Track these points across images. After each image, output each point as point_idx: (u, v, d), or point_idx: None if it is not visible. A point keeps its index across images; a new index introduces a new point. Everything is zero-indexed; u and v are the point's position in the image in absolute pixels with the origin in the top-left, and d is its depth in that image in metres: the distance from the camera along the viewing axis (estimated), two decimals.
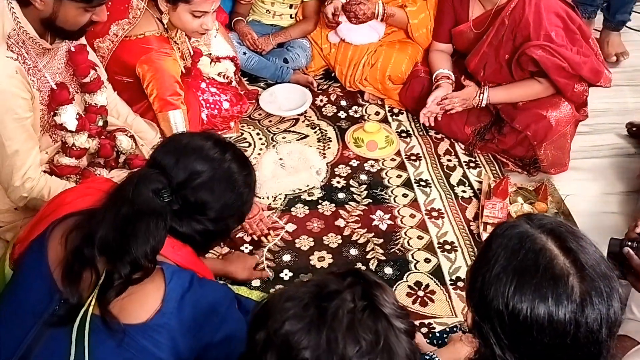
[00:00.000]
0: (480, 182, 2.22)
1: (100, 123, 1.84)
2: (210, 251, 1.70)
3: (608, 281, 0.87)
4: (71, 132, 1.71)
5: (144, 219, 1.07)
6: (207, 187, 1.16)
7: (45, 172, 1.69)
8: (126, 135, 1.93)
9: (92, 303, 1.04)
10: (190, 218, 1.16)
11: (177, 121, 1.98)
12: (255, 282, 1.83)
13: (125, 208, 1.07)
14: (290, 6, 2.72)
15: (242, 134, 2.43)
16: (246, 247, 1.95)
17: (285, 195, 2.14)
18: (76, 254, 1.06)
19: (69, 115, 1.69)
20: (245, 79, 2.68)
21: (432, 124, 2.31)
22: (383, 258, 1.93)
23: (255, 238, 1.96)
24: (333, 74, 2.72)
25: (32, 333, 1.05)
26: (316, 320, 0.80)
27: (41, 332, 1.06)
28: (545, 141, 2.16)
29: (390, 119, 2.54)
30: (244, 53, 2.63)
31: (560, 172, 2.23)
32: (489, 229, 2.00)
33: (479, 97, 2.25)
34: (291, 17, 2.76)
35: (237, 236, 1.95)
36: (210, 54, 2.39)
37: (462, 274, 1.89)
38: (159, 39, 1.96)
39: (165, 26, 2.03)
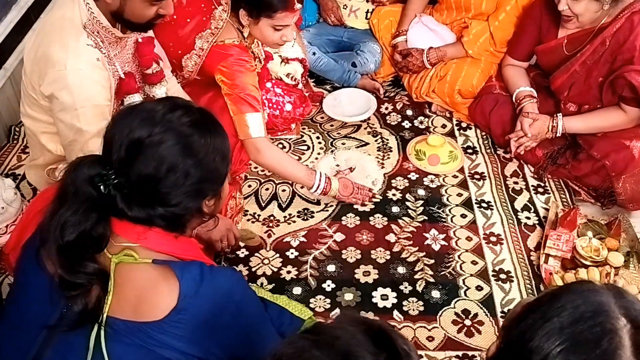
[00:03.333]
0: (547, 210, 2.08)
1: None
2: None
3: None
4: None
5: (68, 212, 1.02)
6: (154, 159, 1.04)
7: None
8: None
9: (108, 305, 1.03)
10: (144, 201, 1.06)
11: (255, 123, 1.92)
12: (297, 290, 1.79)
13: (58, 202, 1.04)
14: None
15: (302, 136, 2.41)
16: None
17: (338, 203, 2.09)
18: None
19: None
20: (312, 80, 2.65)
21: (522, 152, 2.19)
22: (432, 280, 1.84)
23: (366, 204, 2.06)
24: (402, 82, 2.64)
25: (39, 339, 1.05)
26: None
27: (49, 337, 1.05)
28: (625, 173, 1.99)
29: (457, 133, 2.43)
30: (314, 53, 2.60)
31: (639, 209, 2.04)
32: (551, 261, 1.86)
33: (552, 129, 2.11)
34: (366, 17, 2.71)
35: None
36: (280, 55, 2.37)
37: None
38: (239, 47, 1.96)
39: (244, 36, 2.03)
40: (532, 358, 0.79)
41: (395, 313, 1.74)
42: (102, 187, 1.03)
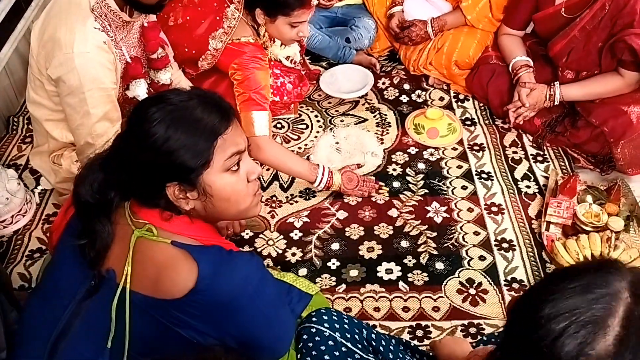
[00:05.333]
0: (547, 178, 2.09)
1: None
2: None
3: None
4: None
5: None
6: (125, 139, 1.10)
7: None
8: None
9: (126, 277, 1.07)
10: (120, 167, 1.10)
11: (261, 121, 1.92)
12: (302, 272, 1.81)
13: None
14: None
15: (300, 115, 2.41)
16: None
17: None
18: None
19: (141, 89, 1.74)
20: (308, 57, 2.64)
21: (521, 122, 2.19)
22: (435, 252, 1.86)
23: (374, 194, 2.03)
24: (398, 56, 2.63)
25: (70, 309, 1.09)
26: None
27: (79, 307, 1.09)
28: (623, 139, 1.99)
29: (455, 105, 2.43)
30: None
31: (638, 173, 2.06)
32: (552, 228, 1.89)
33: (550, 97, 2.11)
34: None
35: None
36: None
37: (519, 274, 1.79)
38: (254, 45, 1.96)
39: (259, 33, 2.02)
40: (541, 335, 0.79)
41: (401, 284, 1.77)
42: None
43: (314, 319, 1.32)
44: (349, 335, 1.31)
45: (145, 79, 1.76)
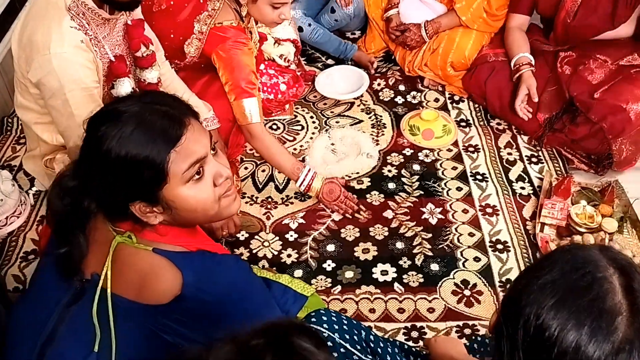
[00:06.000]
0: (541, 179, 2.10)
1: None
2: None
3: None
4: None
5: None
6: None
7: None
8: None
9: (106, 279, 1.07)
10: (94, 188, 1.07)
11: (252, 109, 1.92)
12: (298, 273, 1.81)
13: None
14: None
15: (295, 116, 2.41)
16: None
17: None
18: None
19: (125, 88, 1.70)
20: (304, 58, 2.65)
21: (529, 117, 2.20)
22: (430, 254, 1.87)
23: (349, 216, 1.97)
24: (393, 57, 2.63)
25: (56, 314, 1.09)
26: None
27: (65, 312, 1.09)
28: (622, 135, 2.00)
29: (450, 106, 2.44)
30: (309, 25, 2.60)
31: (628, 168, 2.08)
32: (546, 229, 1.90)
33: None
34: None
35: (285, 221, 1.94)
36: (273, 36, 2.36)
37: (513, 275, 1.80)
38: (236, 28, 1.95)
39: (242, 16, 2.02)
40: (526, 313, 0.82)
41: (396, 285, 1.77)
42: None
43: (313, 319, 1.33)
44: (347, 337, 1.32)
45: (131, 77, 1.73)
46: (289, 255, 1.87)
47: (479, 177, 2.13)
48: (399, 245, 1.89)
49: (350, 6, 2.64)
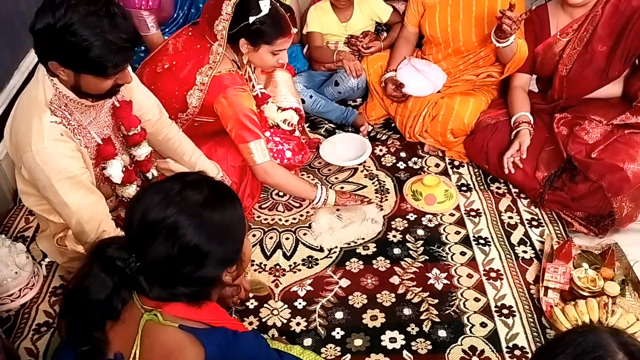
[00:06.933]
0: (543, 243, 2.15)
1: (150, 176, 1.92)
2: None
3: None
4: (117, 184, 1.78)
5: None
6: (169, 241, 1.12)
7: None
8: None
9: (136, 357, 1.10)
10: (165, 282, 1.14)
11: (259, 149, 2.10)
12: (307, 341, 1.84)
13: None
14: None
15: None
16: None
17: (341, 248, 2.15)
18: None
19: (114, 169, 1.75)
20: (307, 124, 2.75)
21: (512, 171, 2.28)
22: (437, 320, 1.89)
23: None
24: (393, 125, 2.73)
25: None
26: None
27: None
28: (621, 194, 2.07)
29: (450, 171, 2.52)
30: (311, 97, 2.72)
31: (630, 223, 2.14)
32: (550, 293, 1.93)
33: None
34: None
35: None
36: (275, 104, 2.47)
37: (520, 341, 1.83)
38: (233, 75, 2.09)
39: (239, 65, 2.16)
40: None
41: (405, 353, 1.79)
42: (126, 270, 1.11)
43: None
44: None
45: (118, 158, 1.77)
46: (297, 324, 1.89)
47: (481, 241, 2.18)
48: (407, 311, 1.92)
49: (357, 79, 2.76)
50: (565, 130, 2.29)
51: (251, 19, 1.99)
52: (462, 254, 2.13)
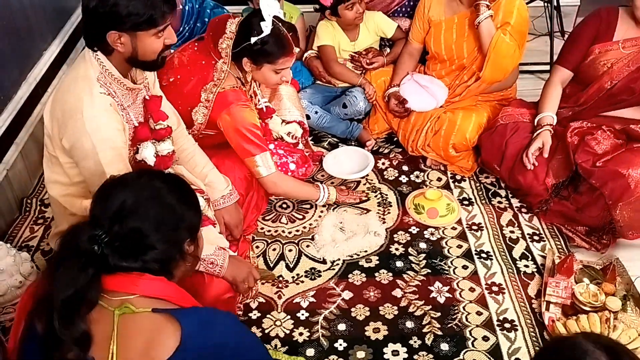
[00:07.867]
0: (544, 257, 2.16)
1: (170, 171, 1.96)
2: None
3: None
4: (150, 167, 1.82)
5: (62, 266, 1.15)
6: (136, 213, 1.22)
7: None
8: (202, 196, 1.99)
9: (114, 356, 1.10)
10: (135, 251, 1.21)
11: (265, 162, 2.15)
12: (310, 352, 1.84)
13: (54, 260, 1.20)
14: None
15: None
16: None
17: (344, 261, 2.17)
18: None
19: (149, 152, 1.81)
20: (310, 138, 2.77)
21: (536, 164, 2.26)
22: (440, 333, 1.90)
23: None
24: (395, 138, 2.76)
25: None
26: None
27: None
28: (621, 201, 2.07)
29: (452, 185, 2.54)
30: (316, 112, 2.76)
31: (638, 237, 2.13)
32: (552, 308, 1.94)
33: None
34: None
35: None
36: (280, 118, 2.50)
37: (522, 355, 1.83)
38: (237, 91, 2.13)
39: (242, 81, 2.19)
40: None
41: None
42: (95, 247, 1.17)
43: None
44: None
45: (152, 142, 1.83)
46: (300, 334, 1.90)
47: (483, 255, 2.19)
48: (409, 324, 1.93)
49: (367, 103, 2.80)
50: (576, 140, 2.28)
51: (253, 40, 2.03)
52: (464, 267, 2.14)
